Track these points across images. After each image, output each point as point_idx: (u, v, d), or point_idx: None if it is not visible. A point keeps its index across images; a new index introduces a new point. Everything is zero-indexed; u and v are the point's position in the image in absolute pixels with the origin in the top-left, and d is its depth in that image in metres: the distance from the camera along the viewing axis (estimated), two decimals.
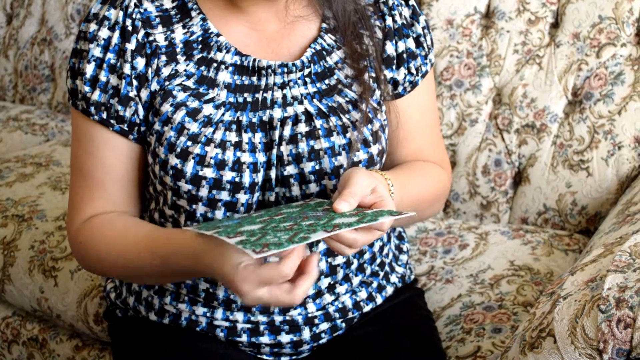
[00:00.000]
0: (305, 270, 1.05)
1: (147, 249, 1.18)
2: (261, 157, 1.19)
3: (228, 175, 1.17)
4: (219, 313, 1.24)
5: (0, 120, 2.19)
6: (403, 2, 1.29)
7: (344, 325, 1.27)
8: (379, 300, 1.31)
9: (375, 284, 1.30)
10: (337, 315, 1.26)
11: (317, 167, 1.20)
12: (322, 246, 1.23)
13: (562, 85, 1.68)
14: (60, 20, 2.26)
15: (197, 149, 1.17)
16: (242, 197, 1.19)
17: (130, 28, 1.20)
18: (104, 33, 1.20)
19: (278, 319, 1.23)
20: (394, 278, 1.34)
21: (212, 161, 1.17)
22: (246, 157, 1.18)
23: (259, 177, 1.19)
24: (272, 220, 1.07)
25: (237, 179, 1.18)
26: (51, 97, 2.27)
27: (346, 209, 1.08)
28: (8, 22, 2.36)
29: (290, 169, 1.19)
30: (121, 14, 1.20)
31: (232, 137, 1.18)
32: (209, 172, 1.17)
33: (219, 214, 1.20)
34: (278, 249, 0.97)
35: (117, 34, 1.20)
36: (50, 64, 2.27)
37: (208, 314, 1.24)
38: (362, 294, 1.28)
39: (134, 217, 1.25)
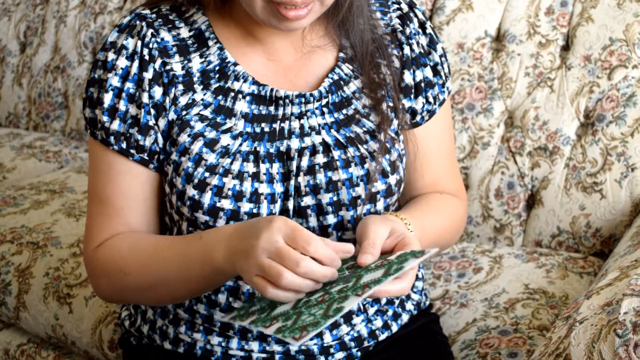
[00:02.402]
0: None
1: (173, 243, 1.17)
2: (279, 188, 1.19)
3: (246, 206, 1.17)
4: (234, 342, 1.23)
5: (15, 148, 2.20)
6: (420, 31, 1.29)
7: (359, 354, 1.26)
8: (395, 328, 1.30)
9: (390, 312, 1.30)
10: (352, 344, 1.25)
11: (334, 198, 1.19)
12: None
13: (574, 108, 1.68)
14: (73, 48, 2.27)
15: (214, 180, 1.17)
16: None
17: (147, 57, 1.20)
18: (122, 62, 1.20)
19: (293, 348, 1.23)
20: (409, 305, 1.33)
21: (229, 192, 1.17)
22: (264, 188, 1.18)
23: (277, 207, 1.19)
24: None
25: (254, 210, 1.17)
26: (64, 124, 2.29)
27: (370, 261, 1.07)
28: (22, 51, 2.38)
29: (308, 200, 1.19)
30: (139, 43, 1.20)
31: (250, 167, 1.18)
32: (226, 204, 1.17)
33: None
34: (316, 328, 0.99)
35: (136, 63, 1.20)
36: (63, 91, 2.28)
37: (223, 344, 1.24)
38: (378, 323, 1.28)
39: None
